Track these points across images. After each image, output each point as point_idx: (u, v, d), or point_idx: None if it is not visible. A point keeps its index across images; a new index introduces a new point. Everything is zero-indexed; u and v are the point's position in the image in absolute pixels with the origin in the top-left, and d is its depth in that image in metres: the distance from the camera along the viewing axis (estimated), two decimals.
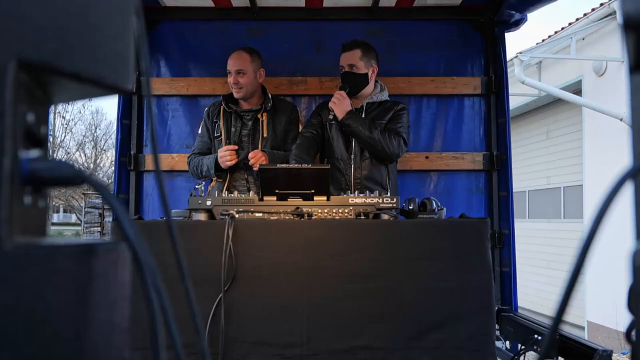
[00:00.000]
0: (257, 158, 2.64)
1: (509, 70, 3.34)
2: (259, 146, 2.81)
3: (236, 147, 2.76)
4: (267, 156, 2.69)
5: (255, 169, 2.60)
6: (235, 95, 2.84)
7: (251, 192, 2.06)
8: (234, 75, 2.77)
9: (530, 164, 8.86)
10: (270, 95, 2.91)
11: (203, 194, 2.02)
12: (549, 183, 8.47)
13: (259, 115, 2.85)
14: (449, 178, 3.21)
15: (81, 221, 19.32)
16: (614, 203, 0.48)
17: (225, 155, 2.70)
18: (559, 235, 8.09)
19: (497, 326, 2.54)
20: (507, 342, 2.64)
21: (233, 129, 2.85)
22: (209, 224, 1.93)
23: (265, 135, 2.83)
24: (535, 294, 8.35)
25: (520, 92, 7.75)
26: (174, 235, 0.66)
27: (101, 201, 16.25)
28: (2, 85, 0.45)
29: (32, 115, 0.52)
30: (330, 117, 2.71)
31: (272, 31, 3.26)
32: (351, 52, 2.76)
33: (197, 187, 2.01)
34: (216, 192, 2.13)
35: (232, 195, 2.01)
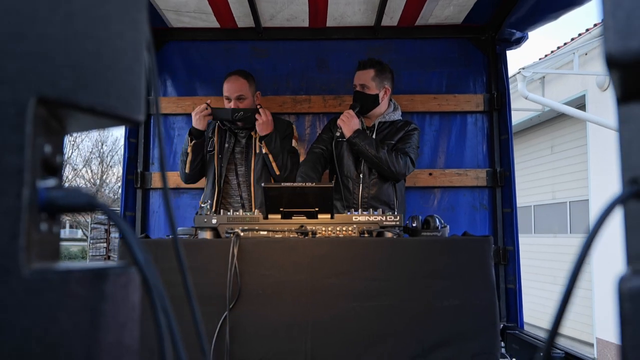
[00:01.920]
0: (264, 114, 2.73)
1: (512, 85, 3.36)
2: (252, 163, 2.83)
3: (204, 106, 2.77)
4: (271, 121, 2.76)
5: (261, 120, 2.71)
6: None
7: (256, 210, 2.08)
8: (234, 102, 2.80)
9: (536, 179, 8.85)
10: None
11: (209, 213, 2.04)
12: (555, 198, 8.45)
13: (253, 133, 2.87)
14: (453, 194, 3.23)
15: (87, 237, 19.38)
16: (603, 228, 0.50)
17: (197, 113, 2.74)
18: (565, 251, 8.05)
19: (502, 344, 2.53)
20: None
21: (226, 145, 2.88)
22: (214, 242, 1.95)
23: (258, 152, 2.86)
24: (541, 309, 8.29)
25: (524, 107, 7.78)
26: (181, 257, 0.68)
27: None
28: (23, 121, 0.48)
29: (49, 147, 0.55)
30: (338, 134, 2.69)
31: (277, 50, 3.31)
32: (364, 72, 2.73)
33: (202, 205, 2.04)
34: (209, 202, 2.13)
35: (237, 213, 2.03)
